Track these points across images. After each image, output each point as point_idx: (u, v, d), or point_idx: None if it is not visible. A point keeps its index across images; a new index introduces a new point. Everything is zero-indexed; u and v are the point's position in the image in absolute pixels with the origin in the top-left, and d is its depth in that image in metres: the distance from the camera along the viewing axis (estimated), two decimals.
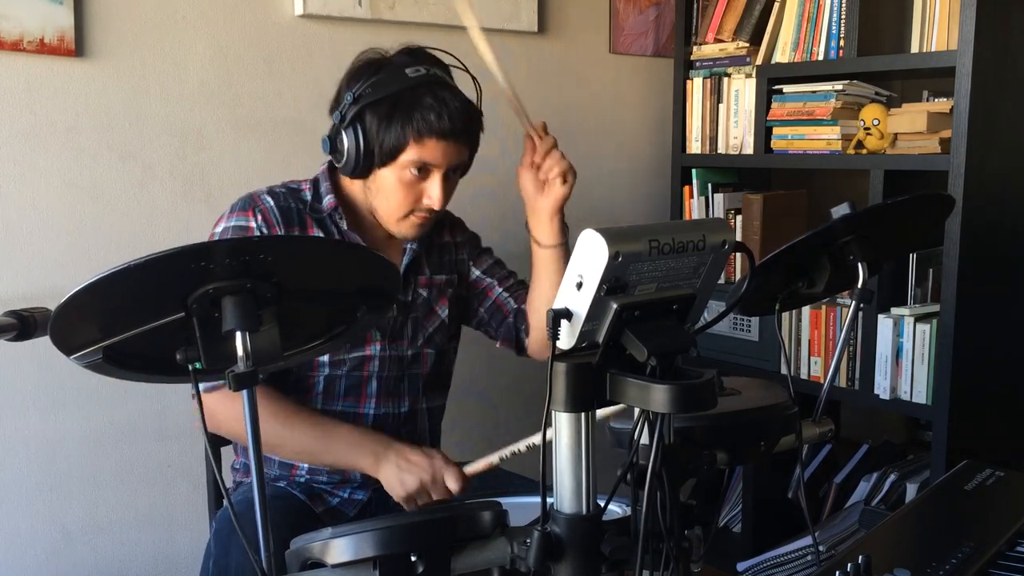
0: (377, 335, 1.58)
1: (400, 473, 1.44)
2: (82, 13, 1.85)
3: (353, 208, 1.59)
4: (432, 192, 1.50)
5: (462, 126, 1.47)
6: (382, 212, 1.55)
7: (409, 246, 1.62)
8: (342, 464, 1.52)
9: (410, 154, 1.46)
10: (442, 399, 1.74)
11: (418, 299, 1.63)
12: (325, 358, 1.55)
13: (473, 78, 1.56)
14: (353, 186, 1.57)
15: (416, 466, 1.43)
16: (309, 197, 1.56)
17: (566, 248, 1.58)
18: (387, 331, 1.59)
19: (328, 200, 1.56)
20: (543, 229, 1.58)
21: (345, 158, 1.50)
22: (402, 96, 1.45)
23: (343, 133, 1.48)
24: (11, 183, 1.82)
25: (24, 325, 0.99)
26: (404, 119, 1.45)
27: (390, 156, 1.47)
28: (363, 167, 1.50)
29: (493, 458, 1.43)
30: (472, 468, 1.45)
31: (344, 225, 1.55)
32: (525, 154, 1.59)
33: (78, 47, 1.85)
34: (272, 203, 1.53)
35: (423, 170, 1.49)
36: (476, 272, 1.73)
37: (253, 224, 1.51)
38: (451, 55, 1.56)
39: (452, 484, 1.43)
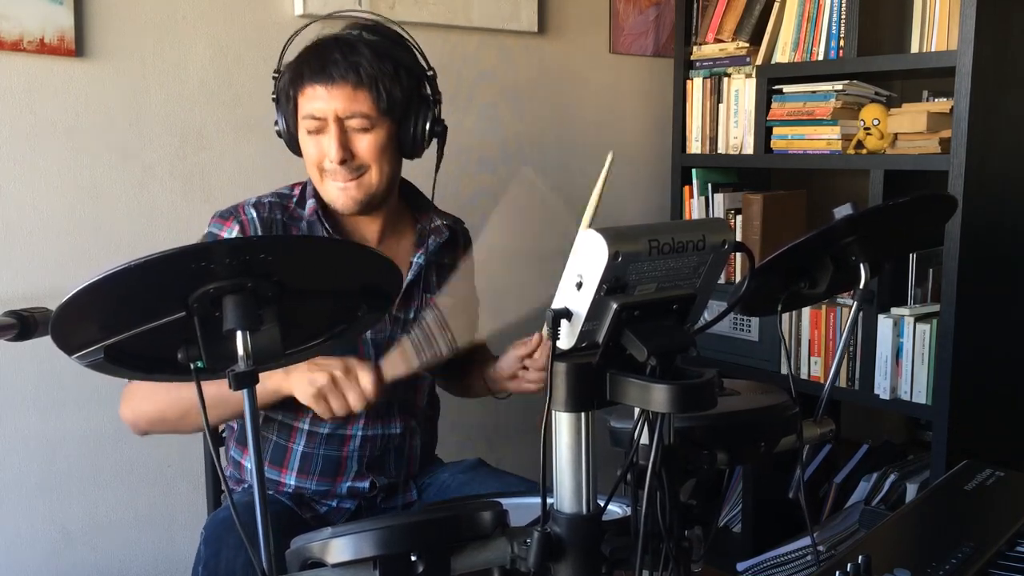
0: (372, 351, 1.53)
1: (309, 373, 1.32)
2: (82, 13, 1.85)
3: (335, 214, 1.53)
4: (326, 143, 1.44)
5: (337, 71, 1.41)
6: (314, 184, 1.51)
7: (416, 260, 1.57)
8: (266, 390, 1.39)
9: (300, 108, 1.45)
10: (437, 415, 1.72)
11: (424, 320, 1.56)
12: None
13: (396, 28, 1.51)
14: None
15: (324, 365, 1.32)
16: (295, 203, 1.53)
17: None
18: (383, 351, 1.51)
19: (309, 205, 1.51)
20: (493, 388, 1.63)
21: (282, 136, 1.51)
22: (295, 60, 1.46)
23: (276, 115, 1.50)
24: (11, 183, 1.82)
25: (24, 325, 0.99)
26: (290, 76, 1.46)
27: (293, 117, 1.48)
28: (292, 142, 1.50)
29: (412, 362, 1.40)
30: (391, 371, 1.38)
31: (327, 228, 1.50)
32: (525, 347, 1.55)
33: (78, 47, 1.85)
34: (255, 214, 1.49)
35: (319, 126, 1.44)
36: None
37: (226, 235, 1.48)
38: (376, 15, 1.52)
39: (364, 380, 1.33)
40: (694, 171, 2.63)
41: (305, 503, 1.57)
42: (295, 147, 1.51)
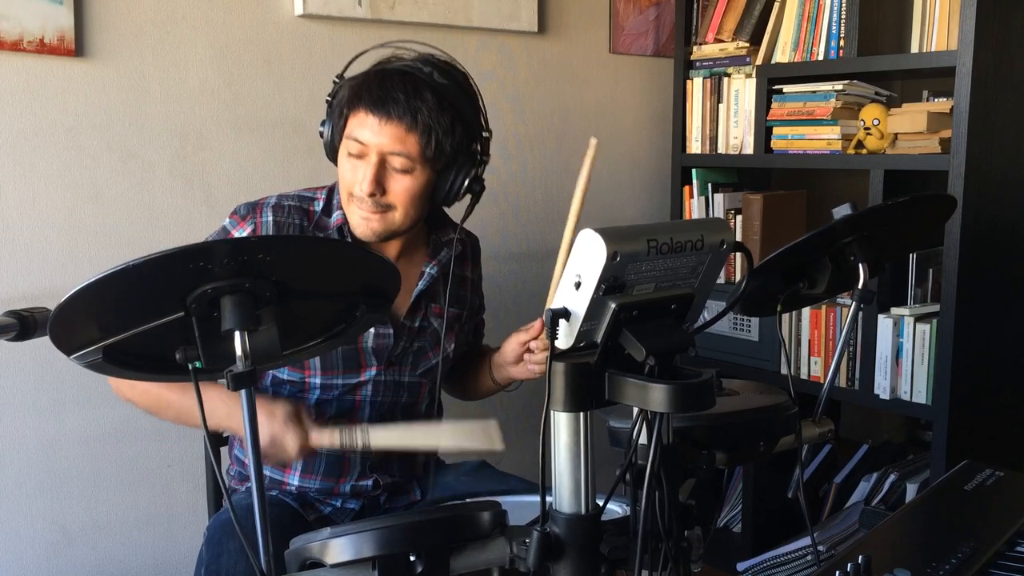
0: (373, 360, 1.53)
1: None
2: (82, 13, 1.85)
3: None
4: (362, 172, 1.43)
5: (396, 110, 1.39)
6: (340, 199, 1.50)
7: (428, 271, 1.57)
8: (211, 421, 1.46)
9: (349, 127, 1.44)
10: (441, 416, 1.72)
11: (428, 328, 1.58)
12: (317, 380, 1.51)
13: (466, 75, 1.49)
14: None
15: (265, 424, 1.37)
16: (319, 209, 1.52)
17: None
18: (385, 356, 1.54)
19: (336, 216, 1.51)
20: (500, 378, 1.65)
21: (324, 143, 1.49)
22: (357, 78, 1.44)
23: (325, 119, 1.49)
24: (11, 183, 1.83)
25: (24, 325, 0.99)
26: (348, 93, 1.44)
27: (339, 133, 1.46)
28: (331, 151, 1.48)
29: (335, 439, 1.40)
30: (317, 440, 1.40)
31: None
32: (526, 332, 1.54)
33: (78, 47, 1.85)
34: (271, 218, 1.49)
35: (361, 152, 1.42)
36: (468, 326, 1.70)
37: (236, 235, 1.49)
38: (446, 64, 1.48)
39: (291, 449, 1.38)
40: (694, 171, 2.63)
41: (309, 503, 1.57)
42: (333, 157, 1.50)
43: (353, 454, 1.55)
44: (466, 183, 1.48)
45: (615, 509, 1.00)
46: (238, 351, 0.87)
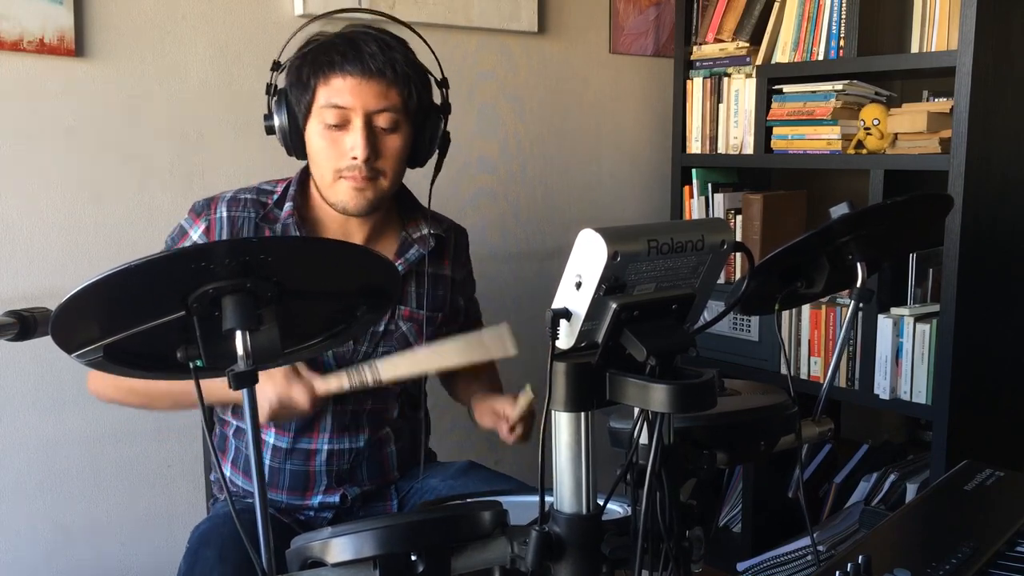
0: (333, 364, 1.47)
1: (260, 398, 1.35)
2: (82, 13, 1.85)
3: (317, 217, 1.49)
4: (350, 139, 1.38)
5: (375, 64, 1.36)
6: (318, 182, 1.45)
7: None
8: (212, 398, 1.44)
9: (321, 98, 1.38)
10: (415, 417, 1.64)
11: (395, 333, 1.52)
12: None
13: (419, 35, 1.49)
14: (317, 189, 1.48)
15: (262, 394, 1.34)
16: (275, 202, 1.48)
17: None
18: (347, 363, 1.45)
19: (286, 208, 1.47)
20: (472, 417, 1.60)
21: (279, 134, 1.44)
22: (316, 48, 1.40)
23: (272, 109, 1.44)
24: (11, 183, 1.83)
25: (24, 325, 0.99)
26: (312, 64, 1.39)
27: (307, 108, 1.40)
28: (294, 137, 1.43)
29: (343, 381, 1.39)
30: (324, 387, 1.38)
31: (301, 234, 1.45)
32: (495, 420, 1.49)
33: (78, 47, 1.85)
34: (225, 214, 1.46)
35: (342, 120, 1.38)
36: (449, 329, 1.61)
37: (193, 235, 1.46)
38: (394, 18, 1.49)
39: (301, 402, 1.35)
40: (694, 171, 2.63)
41: (283, 511, 1.53)
42: (297, 142, 1.44)
43: (319, 464, 1.52)
44: (438, 136, 1.48)
45: (616, 509, 1.00)
46: (239, 350, 0.86)
